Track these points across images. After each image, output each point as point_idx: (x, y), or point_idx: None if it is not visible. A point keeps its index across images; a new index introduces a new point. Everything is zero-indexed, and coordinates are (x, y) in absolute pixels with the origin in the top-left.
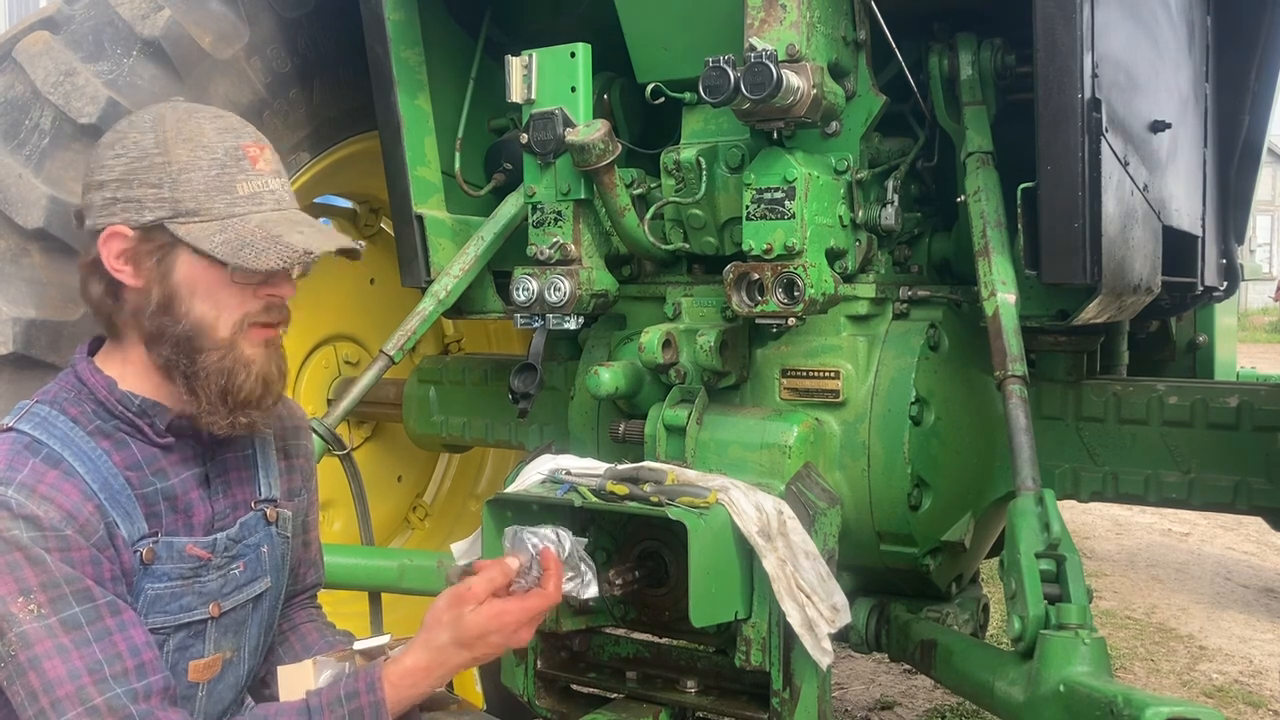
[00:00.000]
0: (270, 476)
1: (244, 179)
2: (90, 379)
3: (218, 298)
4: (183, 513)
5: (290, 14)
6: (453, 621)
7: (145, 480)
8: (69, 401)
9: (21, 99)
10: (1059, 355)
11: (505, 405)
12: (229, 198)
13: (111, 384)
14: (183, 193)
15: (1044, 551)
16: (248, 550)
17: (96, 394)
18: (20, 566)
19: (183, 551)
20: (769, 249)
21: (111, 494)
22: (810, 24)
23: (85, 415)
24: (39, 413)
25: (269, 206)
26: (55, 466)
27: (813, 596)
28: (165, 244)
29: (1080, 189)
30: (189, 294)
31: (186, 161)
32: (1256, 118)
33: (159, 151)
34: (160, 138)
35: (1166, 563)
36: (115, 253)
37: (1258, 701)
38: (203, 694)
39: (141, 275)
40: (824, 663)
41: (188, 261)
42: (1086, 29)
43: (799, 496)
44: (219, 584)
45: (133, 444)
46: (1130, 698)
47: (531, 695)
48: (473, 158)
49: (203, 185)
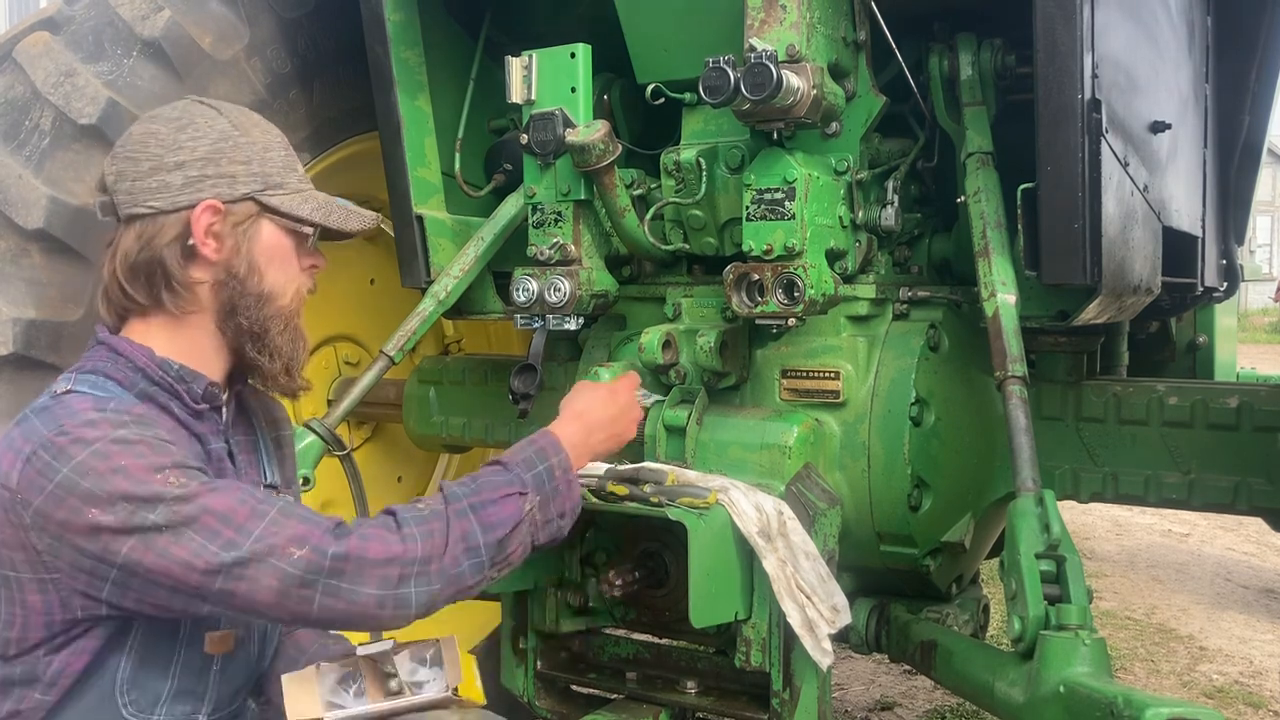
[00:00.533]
0: (271, 464)
1: (296, 162)
2: (126, 349)
3: (287, 268)
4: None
5: (290, 14)
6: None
7: (189, 441)
8: (110, 369)
9: (22, 99)
10: (1059, 356)
11: (505, 406)
12: (298, 174)
13: (149, 351)
14: (270, 167)
15: (1044, 552)
16: None
17: (135, 360)
18: (146, 454)
19: None
20: (769, 249)
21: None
22: (810, 24)
23: (129, 380)
24: (87, 380)
25: (310, 186)
26: (135, 406)
27: (813, 597)
28: (250, 216)
29: (1080, 189)
30: (266, 263)
31: (264, 142)
32: (1256, 118)
33: (240, 133)
34: (235, 121)
35: (1166, 563)
36: (205, 227)
37: (1258, 702)
38: (217, 668)
39: (223, 250)
40: (824, 663)
41: (269, 231)
42: (1086, 29)
43: (799, 497)
44: None
45: (174, 407)
46: (1130, 698)
47: (531, 696)
48: (473, 158)
49: (281, 163)
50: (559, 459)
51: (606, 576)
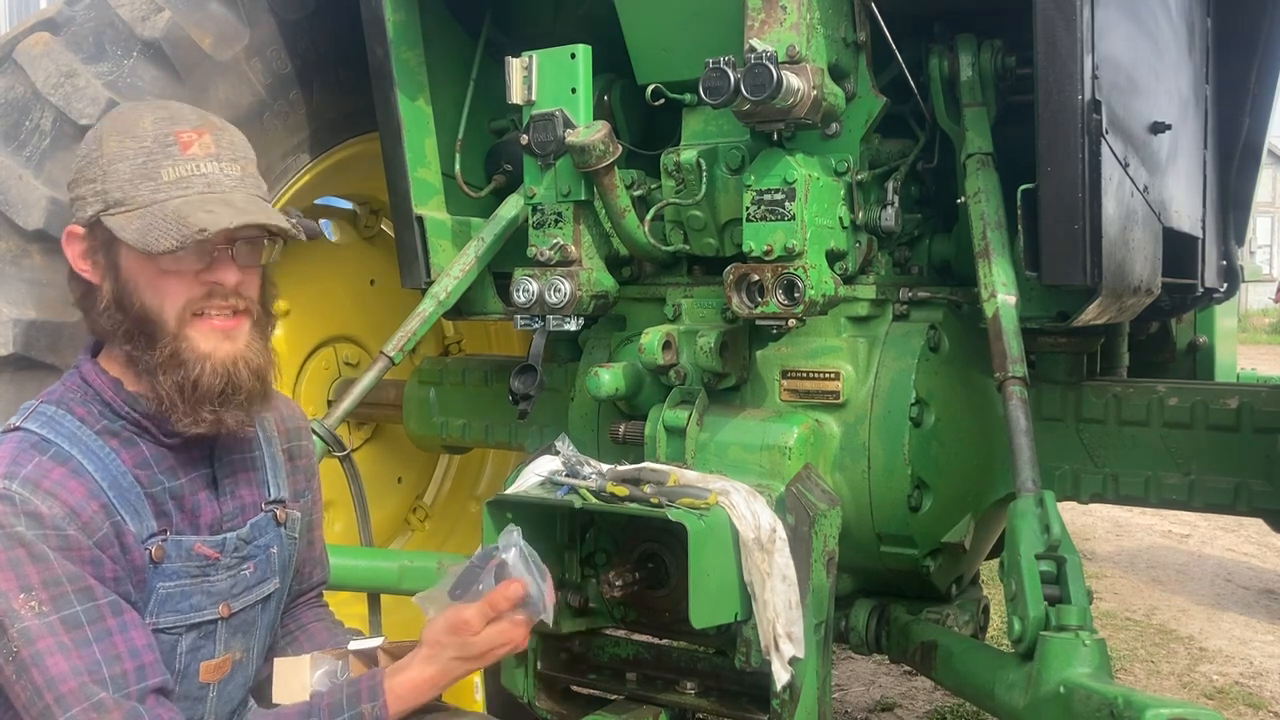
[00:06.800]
0: (278, 478)
1: (170, 164)
2: (95, 380)
3: (158, 287)
4: (190, 512)
5: (290, 15)
6: (458, 645)
7: (154, 479)
8: (75, 401)
9: (22, 100)
10: (1059, 356)
11: (505, 406)
12: (153, 184)
13: (117, 384)
14: (110, 183)
15: (1044, 553)
16: (258, 551)
17: (103, 394)
18: (22, 563)
19: (191, 550)
20: (769, 250)
21: (120, 492)
22: (810, 25)
23: (92, 415)
24: (45, 412)
25: (196, 189)
26: (63, 464)
27: (776, 620)
28: (108, 238)
29: (1080, 190)
30: (134, 286)
31: (115, 153)
32: (1256, 119)
33: (95, 146)
34: (98, 133)
35: (1166, 564)
36: (74, 253)
37: (1258, 703)
38: (213, 695)
39: (97, 272)
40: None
41: (127, 253)
42: (1086, 30)
43: (799, 498)
44: (229, 584)
45: (141, 443)
46: (1130, 699)
47: (532, 697)
48: (473, 159)
49: (128, 174)
50: (372, 706)
51: (606, 577)
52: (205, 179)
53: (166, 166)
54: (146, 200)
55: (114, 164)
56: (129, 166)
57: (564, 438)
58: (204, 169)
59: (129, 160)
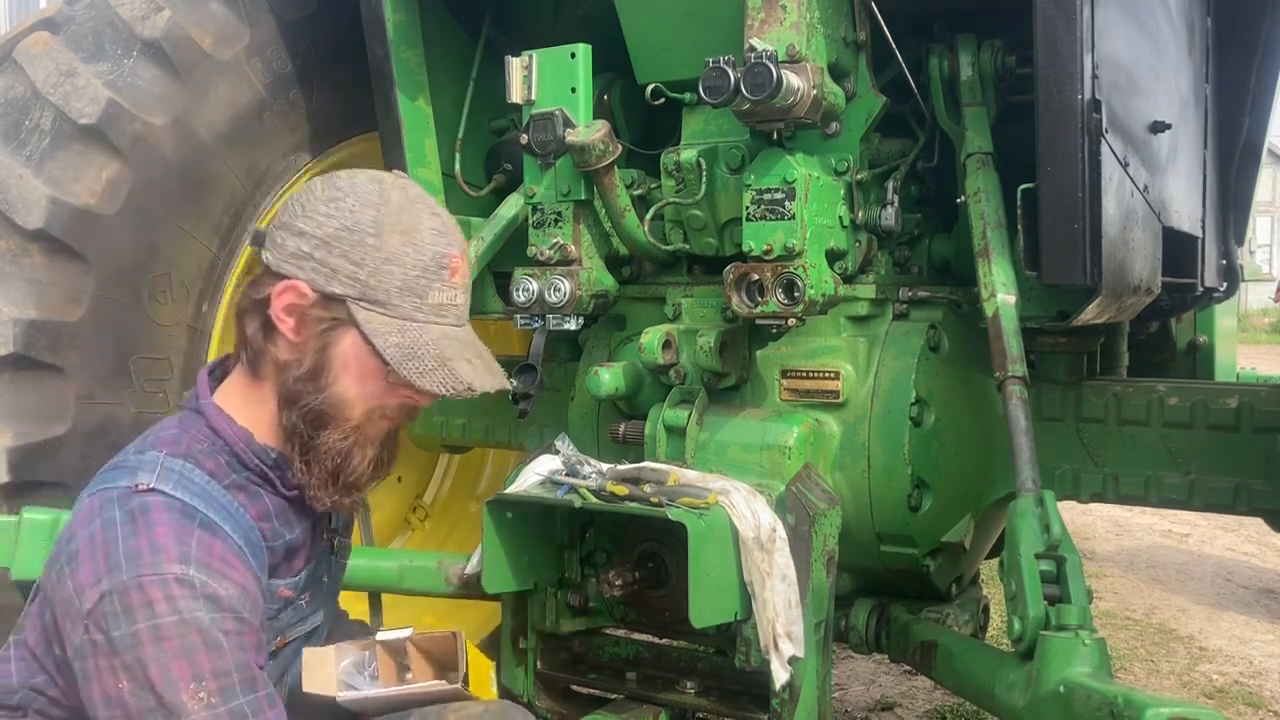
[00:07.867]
0: None
1: (439, 288)
2: (227, 431)
3: (366, 385)
4: (289, 559)
5: (291, 15)
6: None
7: (275, 533)
8: (204, 454)
9: (22, 99)
10: (1059, 356)
11: (505, 406)
12: (417, 301)
13: (249, 437)
14: (378, 281)
15: (1044, 552)
16: (313, 582)
17: (234, 447)
18: (197, 651)
19: (274, 594)
20: (769, 250)
21: (254, 550)
22: (810, 25)
23: (221, 469)
24: (173, 468)
25: (450, 320)
26: (215, 535)
27: (776, 620)
28: (339, 318)
29: (1080, 190)
30: (340, 370)
31: (394, 253)
32: (1256, 119)
33: (374, 232)
34: (379, 218)
35: (1166, 564)
36: (285, 305)
37: (1258, 703)
38: None
39: (302, 334)
40: (780, 679)
41: (353, 342)
42: (1086, 30)
43: (799, 497)
44: (290, 617)
45: (264, 495)
46: (1130, 698)
47: (532, 696)
48: (473, 158)
49: (399, 282)
50: None
51: (606, 576)
52: (458, 311)
53: (435, 289)
54: (407, 314)
55: (388, 264)
56: (402, 274)
57: (564, 437)
58: (458, 300)
59: (405, 268)
